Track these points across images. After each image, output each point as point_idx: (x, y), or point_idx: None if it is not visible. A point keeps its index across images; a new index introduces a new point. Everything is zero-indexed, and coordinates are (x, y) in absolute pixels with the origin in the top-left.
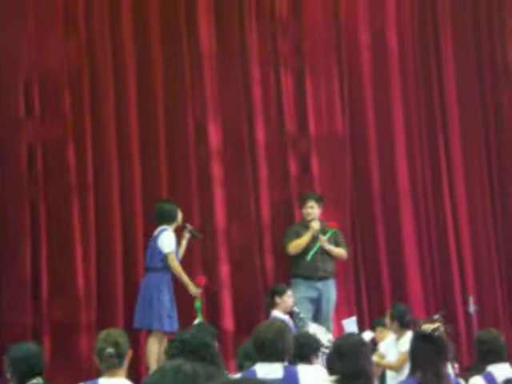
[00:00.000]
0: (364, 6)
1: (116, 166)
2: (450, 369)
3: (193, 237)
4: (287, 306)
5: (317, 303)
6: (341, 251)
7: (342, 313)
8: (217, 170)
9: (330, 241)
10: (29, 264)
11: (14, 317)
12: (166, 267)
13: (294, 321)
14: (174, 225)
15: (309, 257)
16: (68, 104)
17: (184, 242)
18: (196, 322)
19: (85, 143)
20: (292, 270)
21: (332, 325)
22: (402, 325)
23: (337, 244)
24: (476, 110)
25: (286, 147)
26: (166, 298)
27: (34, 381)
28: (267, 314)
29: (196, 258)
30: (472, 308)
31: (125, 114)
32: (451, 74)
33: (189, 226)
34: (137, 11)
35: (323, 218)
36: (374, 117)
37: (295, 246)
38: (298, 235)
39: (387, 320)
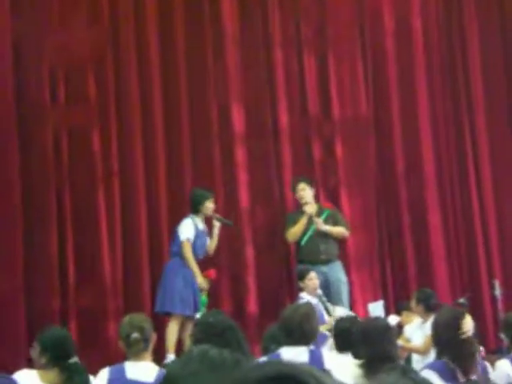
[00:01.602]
0: None
1: (141, 152)
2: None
3: (224, 225)
4: (312, 288)
5: (325, 287)
6: (340, 229)
7: (367, 297)
8: (240, 153)
9: (327, 222)
10: (55, 250)
11: (42, 301)
12: (182, 253)
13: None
14: (201, 214)
15: (303, 241)
16: (93, 89)
17: (216, 232)
18: (197, 315)
19: (110, 129)
20: (296, 255)
21: (348, 307)
22: (428, 308)
23: (335, 224)
24: (501, 92)
25: (310, 131)
26: (180, 281)
27: (72, 360)
28: (295, 296)
29: (222, 242)
30: (498, 292)
31: (149, 98)
32: (476, 58)
33: (216, 215)
34: None
35: (346, 203)
36: (398, 100)
37: (292, 233)
38: (296, 222)
39: (413, 304)
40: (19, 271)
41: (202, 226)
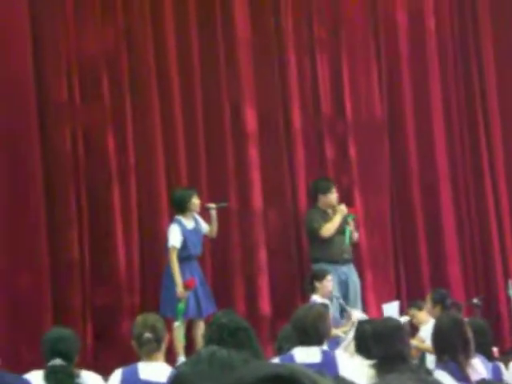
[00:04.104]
0: None
1: (161, 148)
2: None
3: (221, 209)
4: (327, 291)
5: (344, 287)
6: (356, 235)
7: (381, 298)
8: (253, 153)
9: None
10: (76, 247)
11: (65, 299)
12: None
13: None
14: (189, 213)
15: (347, 240)
16: (106, 88)
17: (213, 223)
18: (175, 324)
19: (125, 127)
20: (313, 254)
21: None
22: (444, 309)
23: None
24: None
25: (323, 131)
26: (174, 287)
27: (54, 362)
28: (308, 299)
29: (235, 243)
30: None
31: (166, 96)
32: (490, 57)
33: (210, 206)
34: None
35: (359, 203)
36: (412, 100)
37: (329, 228)
38: (325, 219)
39: (428, 304)
40: (45, 268)
41: (191, 224)
